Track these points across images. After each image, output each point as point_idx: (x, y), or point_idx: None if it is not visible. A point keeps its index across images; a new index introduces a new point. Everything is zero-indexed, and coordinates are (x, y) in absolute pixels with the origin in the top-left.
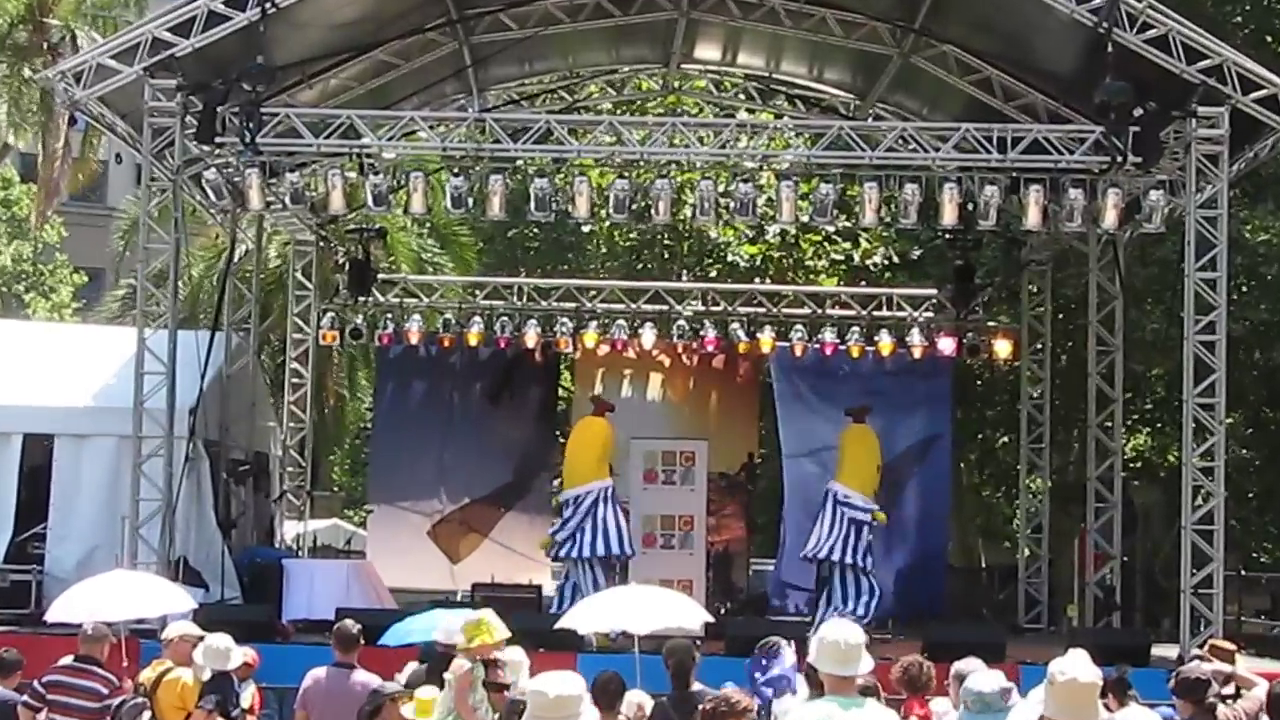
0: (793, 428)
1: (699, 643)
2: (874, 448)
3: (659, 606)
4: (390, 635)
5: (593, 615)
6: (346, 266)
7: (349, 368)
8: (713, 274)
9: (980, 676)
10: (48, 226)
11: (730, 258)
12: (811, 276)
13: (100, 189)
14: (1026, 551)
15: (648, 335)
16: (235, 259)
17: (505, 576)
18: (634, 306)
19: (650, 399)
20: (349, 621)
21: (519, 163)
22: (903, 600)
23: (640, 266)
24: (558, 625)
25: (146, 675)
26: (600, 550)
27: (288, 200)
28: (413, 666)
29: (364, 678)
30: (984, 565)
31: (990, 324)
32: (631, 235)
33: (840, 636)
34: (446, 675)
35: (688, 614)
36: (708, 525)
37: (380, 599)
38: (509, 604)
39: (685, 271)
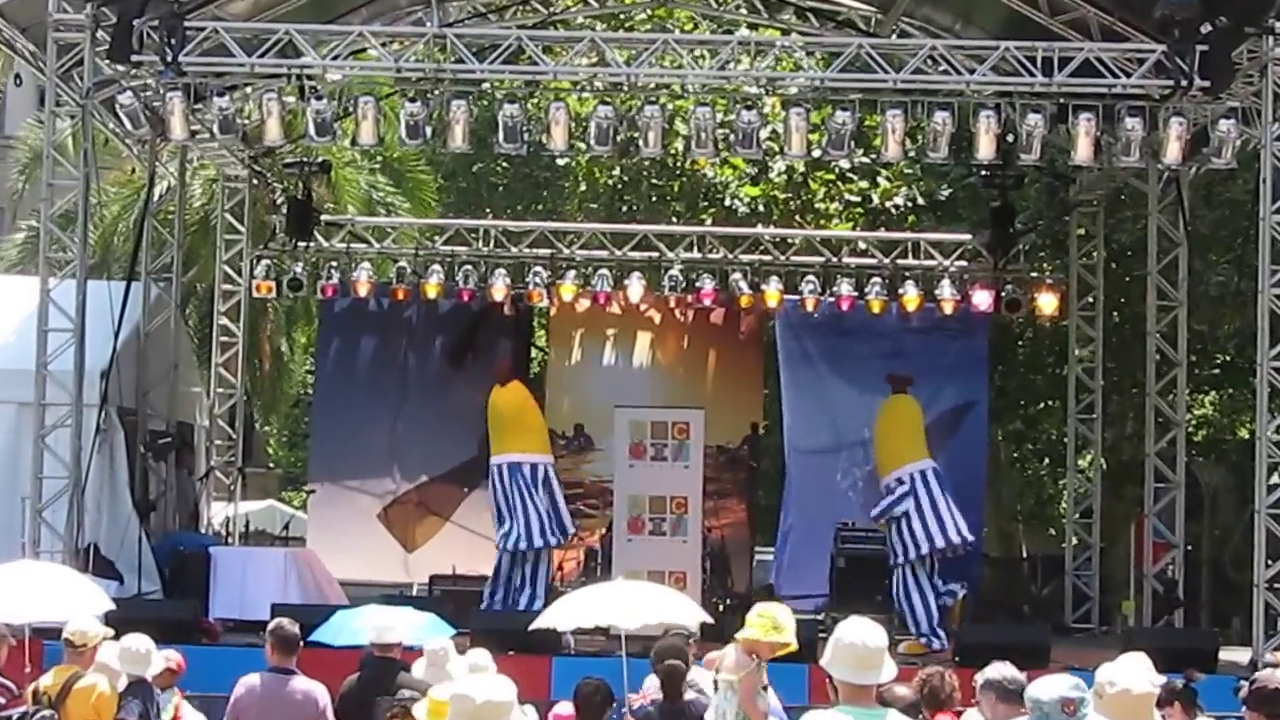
0: (800, 395)
1: (692, 641)
2: (903, 420)
3: (649, 601)
4: (327, 631)
5: (573, 611)
6: (284, 207)
7: (287, 324)
8: (709, 218)
9: (1047, 683)
10: None
11: (730, 200)
12: (824, 221)
13: None
14: (1074, 539)
15: (634, 287)
16: (155, 198)
17: (469, 566)
18: (619, 254)
19: (637, 361)
20: (287, 620)
21: (485, 86)
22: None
23: (625, 208)
24: (533, 626)
25: (48, 682)
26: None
27: (216, 129)
28: (421, 663)
29: (304, 685)
30: (1025, 555)
31: (1033, 275)
32: (615, 172)
33: (859, 638)
34: (722, 675)
35: (681, 611)
36: (704, 508)
37: (324, 593)
38: (472, 598)
39: (678, 215)
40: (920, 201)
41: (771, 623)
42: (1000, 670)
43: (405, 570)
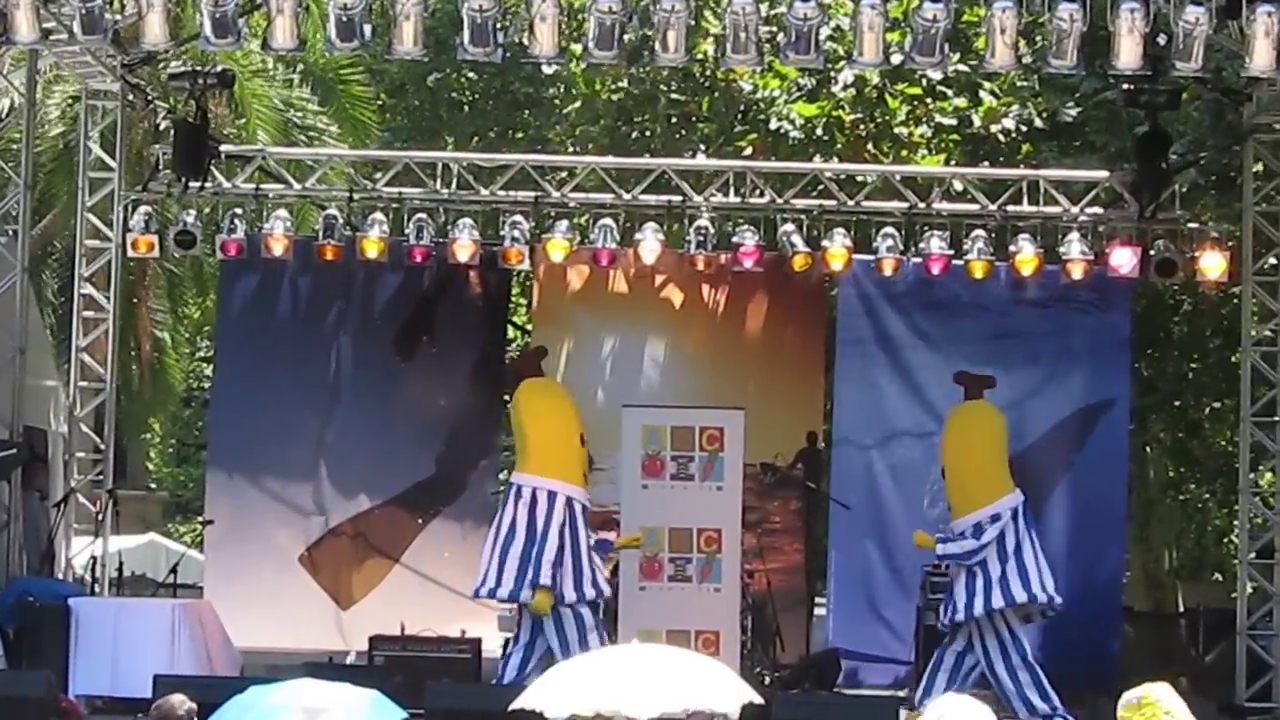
0: (867, 390)
1: None
2: (985, 437)
3: (670, 677)
4: (232, 714)
5: (566, 690)
6: (171, 134)
7: (173, 294)
8: (749, 148)
9: None
10: None
11: (777, 123)
12: (907, 153)
13: None
14: (1250, 587)
15: (649, 243)
16: None
17: (423, 624)
18: (626, 197)
19: (652, 345)
20: (177, 698)
21: None
22: (1054, 666)
23: (635, 135)
24: (514, 706)
25: None
26: (589, 591)
27: (77, 28)
28: None
29: None
30: (1182, 609)
31: (1193, 226)
32: (623, 86)
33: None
34: None
35: (715, 688)
36: (745, 545)
37: (224, 662)
38: (429, 668)
39: (707, 143)
40: (1039, 126)
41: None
42: None
43: (338, 631)
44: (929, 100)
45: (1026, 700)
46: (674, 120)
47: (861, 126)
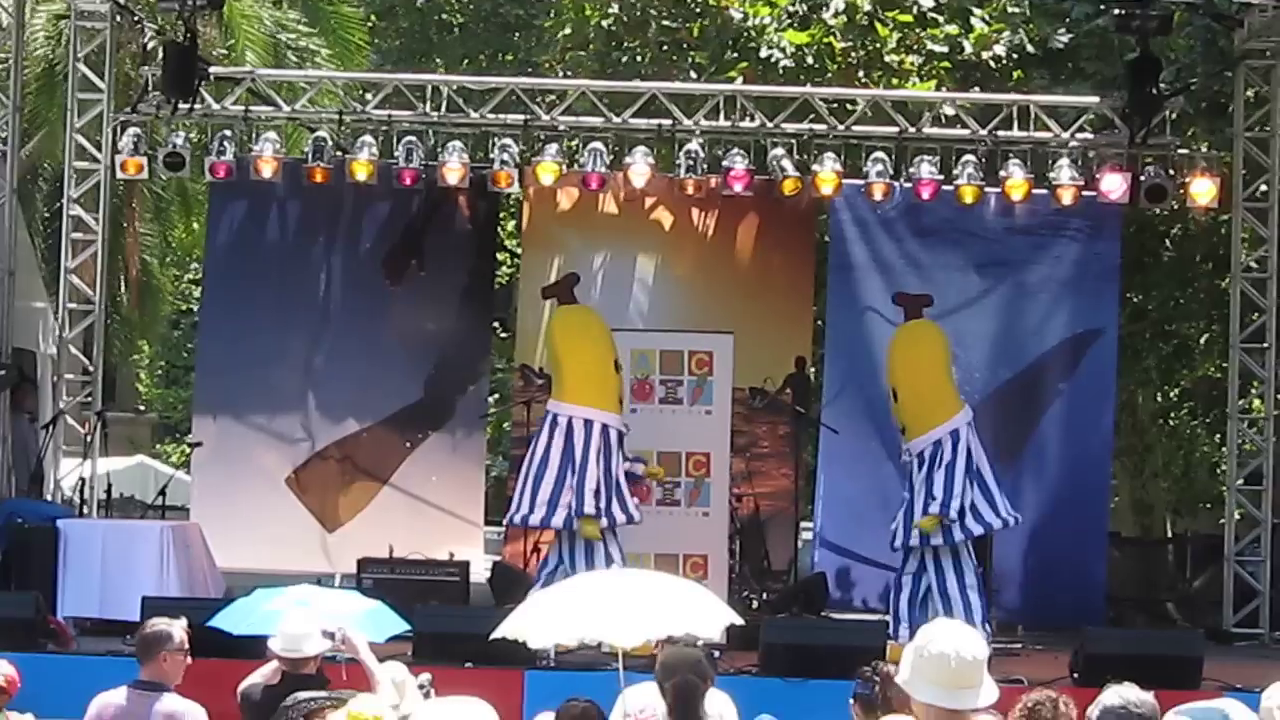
0: (858, 317)
1: (717, 656)
2: (931, 356)
3: (652, 604)
4: (228, 619)
5: (548, 620)
6: (160, 55)
7: (161, 217)
8: (740, 74)
9: (1194, 714)
10: None
11: (768, 51)
12: (897, 79)
13: None
14: (1237, 514)
15: (639, 166)
16: None
17: (412, 547)
18: (616, 121)
19: (641, 268)
20: (165, 621)
21: None
22: (1038, 592)
23: (626, 59)
24: (495, 635)
25: None
26: (620, 516)
27: None
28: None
29: (175, 706)
30: (1170, 535)
31: (1183, 152)
32: (613, 11)
33: (950, 647)
34: None
35: (697, 613)
36: (733, 470)
37: (209, 584)
38: (418, 591)
39: (698, 71)
40: (1030, 52)
41: None
42: (1123, 695)
43: (324, 554)
44: (919, 27)
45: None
46: (665, 47)
47: (852, 54)
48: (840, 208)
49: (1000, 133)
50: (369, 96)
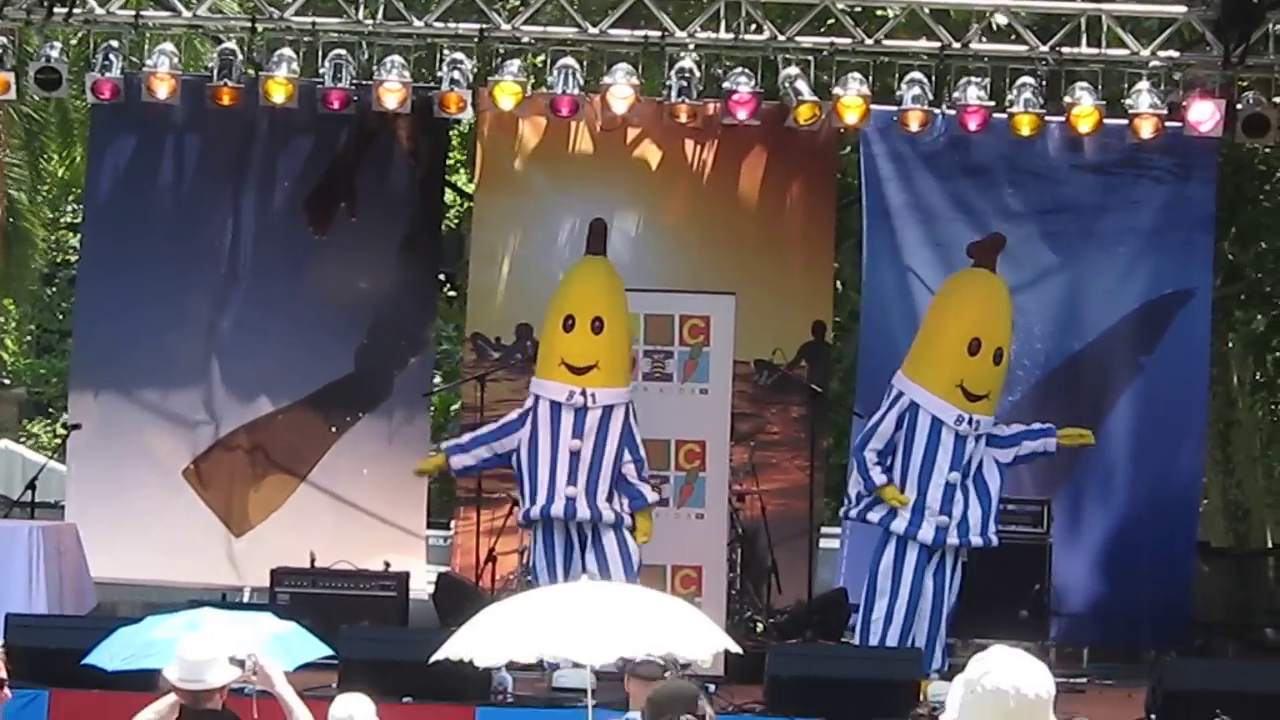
0: (891, 275)
1: (713, 691)
2: (981, 310)
3: (631, 620)
4: (105, 653)
5: (500, 634)
6: None
7: (32, 146)
8: None
9: None
10: None
11: None
12: None
13: None
14: None
15: (620, 88)
16: None
17: (338, 556)
18: (592, 32)
19: (622, 217)
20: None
21: None
22: (1109, 613)
23: None
24: (437, 656)
25: None
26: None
27: None
28: None
29: None
30: (1270, 545)
31: None
32: None
33: (1011, 682)
34: None
35: (680, 632)
36: (734, 462)
37: (76, 599)
38: (345, 609)
39: None
40: None
41: None
42: None
43: (230, 563)
44: None
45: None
46: None
47: None
48: (870, 140)
49: (1065, 49)
50: None
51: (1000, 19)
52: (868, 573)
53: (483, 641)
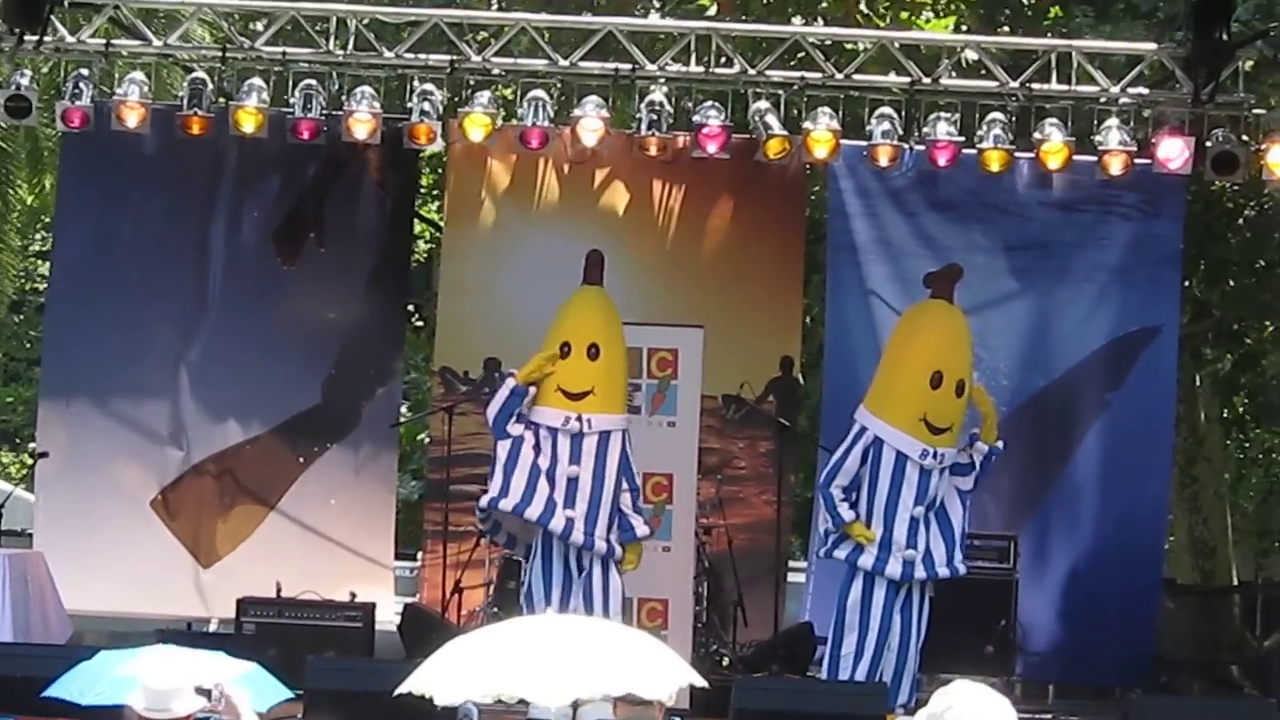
0: (858, 307)
1: None
2: (941, 342)
3: (593, 657)
4: (68, 685)
5: (460, 670)
6: None
7: (3, 171)
8: (712, 8)
9: None
10: None
11: None
12: (909, 15)
13: None
14: None
15: (590, 121)
16: None
17: (304, 586)
18: (563, 64)
19: (592, 247)
20: None
21: None
22: (1074, 649)
23: None
24: (400, 690)
25: None
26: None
27: None
28: None
29: None
30: (1236, 582)
31: (1259, 112)
32: None
33: (972, 717)
34: None
35: (643, 669)
36: (701, 496)
37: (52, 629)
38: (311, 639)
39: (663, 0)
40: None
41: None
42: None
43: (197, 593)
44: None
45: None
46: None
47: None
48: (838, 175)
49: (1035, 85)
50: (259, 29)
51: (970, 54)
52: (836, 608)
53: (443, 678)
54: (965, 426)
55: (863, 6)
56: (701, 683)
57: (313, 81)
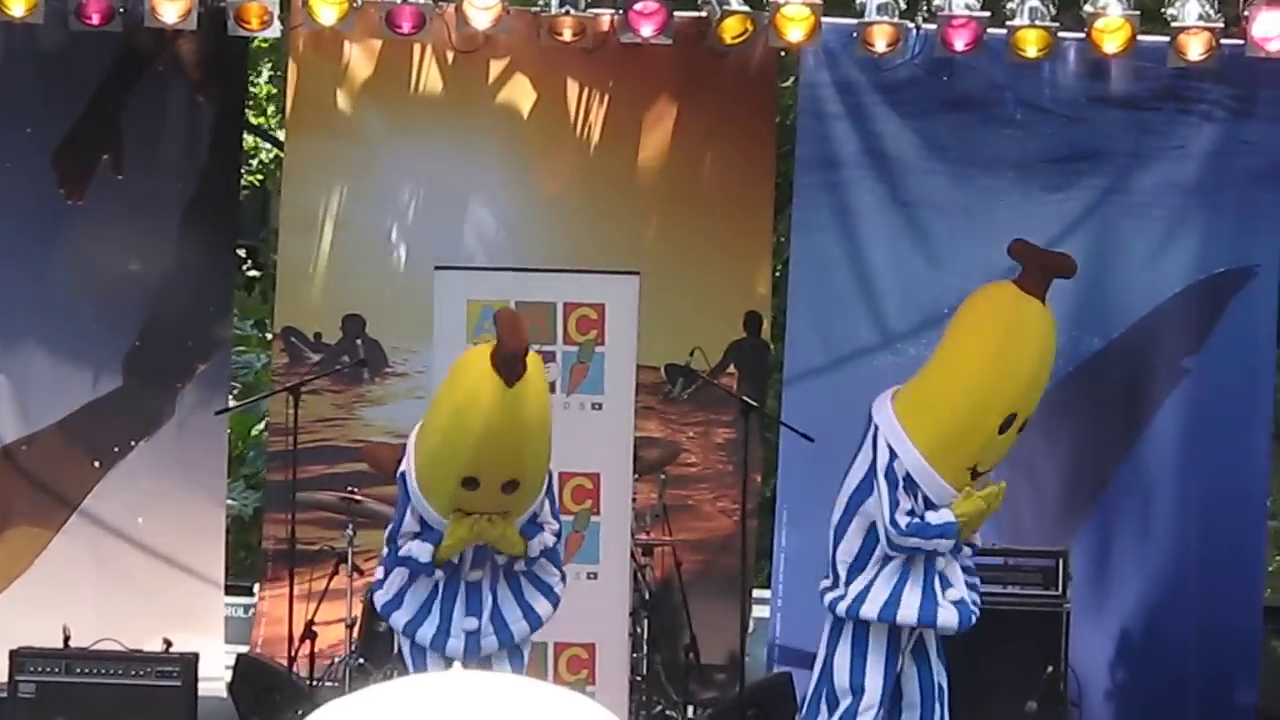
0: (842, 246)
1: None
2: (1032, 377)
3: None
4: None
5: None
6: None
7: None
8: None
9: None
10: None
11: None
12: None
13: None
14: None
15: None
16: None
17: (103, 632)
18: None
19: (485, 171)
20: None
21: None
22: (1147, 699)
23: None
24: None
25: None
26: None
27: None
28: None
29: None
30: None
31: None
32: None
33: None
34: None
35: None
36: (639, 503)
37: None
38: (112, 703)
39: None
40: None
41: None
42: None
43: None
44: None
45: None
46: None
47: None
48: (816, 65)
49: None
50: None
51: None
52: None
53: None
54: None
55: None
56: None
57: None
